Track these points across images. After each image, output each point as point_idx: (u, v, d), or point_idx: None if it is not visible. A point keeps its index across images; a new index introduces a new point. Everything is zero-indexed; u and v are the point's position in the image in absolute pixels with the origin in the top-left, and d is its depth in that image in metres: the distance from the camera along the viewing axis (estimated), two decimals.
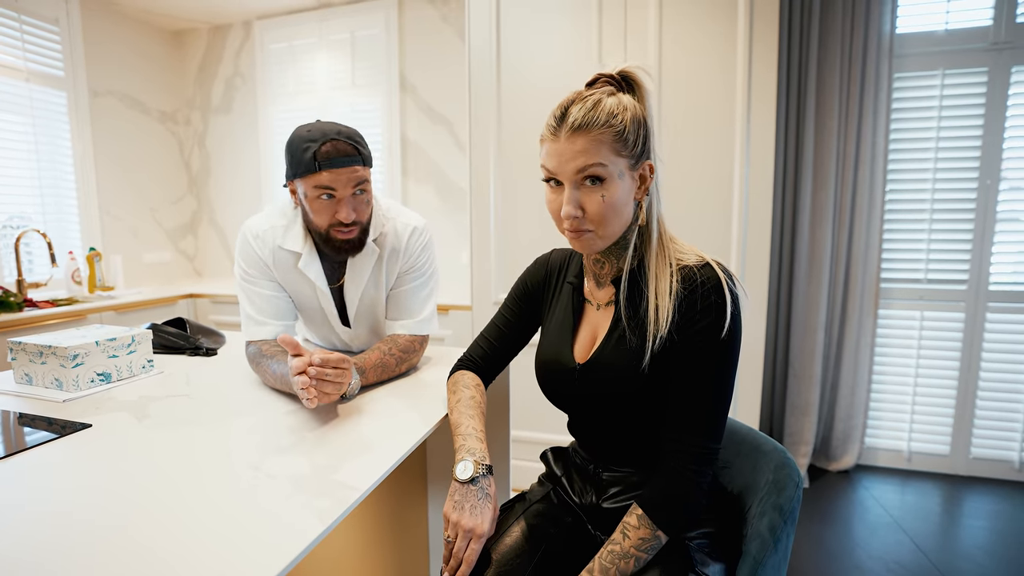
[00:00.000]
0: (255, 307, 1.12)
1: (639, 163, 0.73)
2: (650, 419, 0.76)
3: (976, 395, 2.23)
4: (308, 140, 0.98)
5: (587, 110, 0.69)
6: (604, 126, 0.69)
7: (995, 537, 1.85)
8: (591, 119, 0.69)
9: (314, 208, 1.02)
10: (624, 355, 0.74)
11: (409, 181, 2.89)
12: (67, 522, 0.58)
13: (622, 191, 0.71)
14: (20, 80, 2.46)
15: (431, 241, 1.21)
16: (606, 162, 0.69)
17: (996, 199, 2.13)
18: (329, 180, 0.98)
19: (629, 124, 0.70)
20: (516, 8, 1.94)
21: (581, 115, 0.69)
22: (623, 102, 0.71)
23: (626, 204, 0.73)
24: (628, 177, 0.72)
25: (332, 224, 1.03)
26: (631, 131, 0.70)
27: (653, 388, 0.73)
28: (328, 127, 1.00)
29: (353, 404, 0.96)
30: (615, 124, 0.69)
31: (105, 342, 1.05)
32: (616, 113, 0.69)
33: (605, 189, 0.70)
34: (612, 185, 0.70)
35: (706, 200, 1.86)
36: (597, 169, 0.69)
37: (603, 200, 0.70)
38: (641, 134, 0.72)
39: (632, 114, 0.71)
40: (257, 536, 0.55)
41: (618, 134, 0.69)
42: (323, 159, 0.97)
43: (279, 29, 3.01)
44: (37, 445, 0.77)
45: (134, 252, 3.02)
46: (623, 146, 0.70)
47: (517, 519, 0.84)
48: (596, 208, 0.71)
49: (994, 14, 2.07)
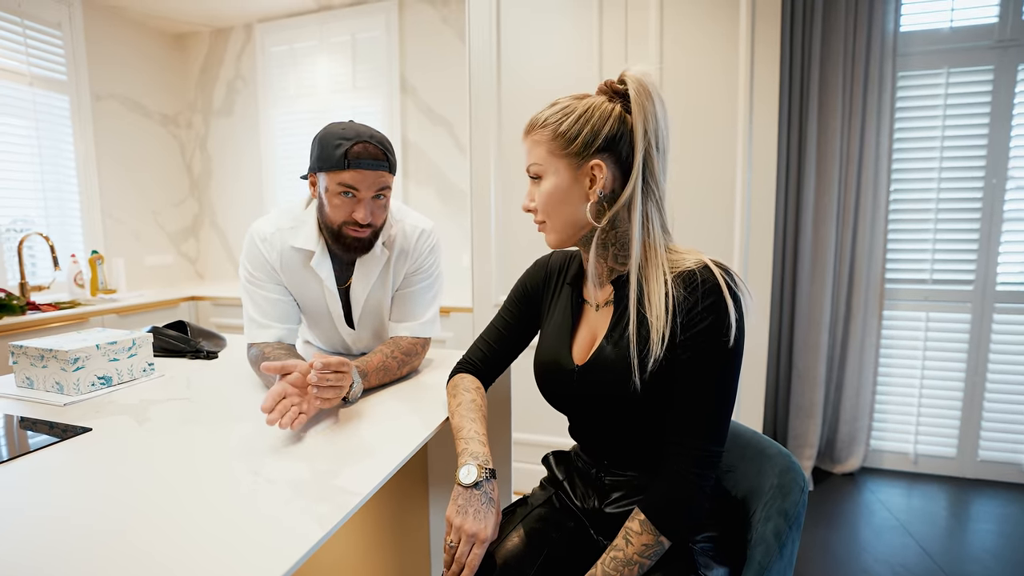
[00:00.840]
0: (259, 310, 1.12)
1: (585, 159, 0.74)
2: (651, 422, 0.75)
3: (983, 397, 2.20)
4: (341, 137, 0.99)
5: (538, 113, 0.78)
6: (541, 127, 0.76)
7: (1003, 541, 1.83)
8: (535, 120, 0.77)
9: (332, 203, 1.03)
10: (623, 356, 0.74)
11: (410, 183, 2.89)
12: (67, 526, 0.57)
13: (558, 188, 0.76)
14: (24, 84, 2.47)
15: (438, 244, 1.22)
16: (540, 161, 0.77)
17: (1003, 198, 2.11)
18: (353, 179, 0.99)
19: (571, 121, 0.73)
20: (516, 9, 1.94)
21: (532, 119, 0.78)
22: (582, 104, 0.74)
23: (566, 199, 0.76)
24: (567, 176, 0.76)
25: (346, 221, 1.04)
26: (573, 127, 0.73)
27: (653, 390, 0.72)
28: (362, 129, 1.02)
29: (354, 408, 0.95)
30: (549, 125, 0.75)
31: (106, 346, 1.05)
32: (557, 114, 0.75)
33: (543, 184, 0.78)
34: (547, 181, 0.77)
35: (709, 201, 1.85)
36: (535, 168, 0.78)
37: (542, 193, 0.78)
38: (586, 134, 0.73)
39: (581, 113, 0.73)
40: (257, 541, 0.55)
41: (552, 134, 0.75)
42: (352, 158, 0.98)
43: (280, 32, 3.01)
44: (38, 449, 0.77)
45: (136, 255, 3.03)
46: (557, 146, 0.75)
47: (519, 524, 0.83)
48: (540, 200, 0.78)
49: (999, 11, 2.05)
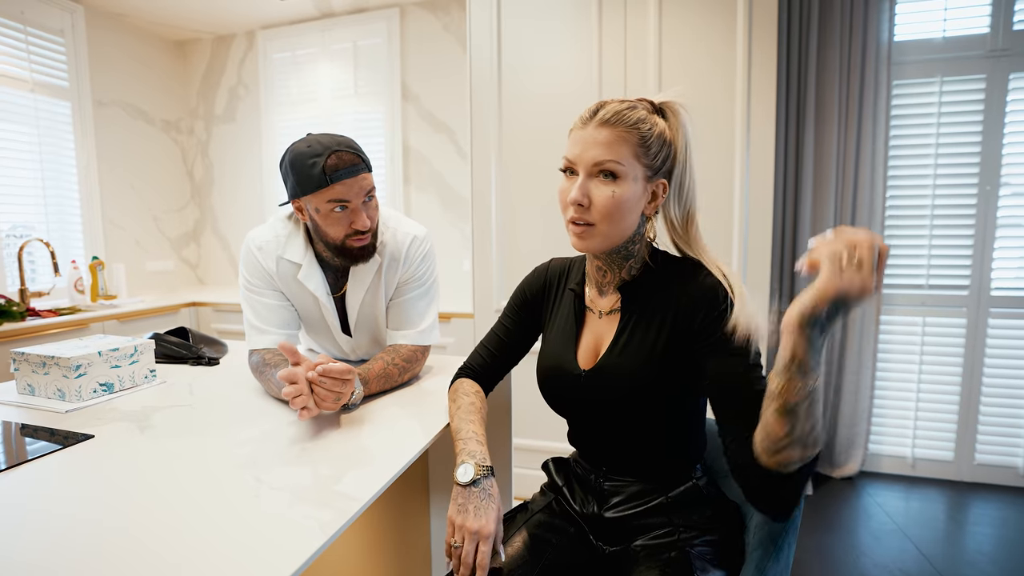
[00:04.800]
0: (258, 316, 1.12)
1: (655, 177, 0.74)
2: (650, 428, 0.76)
3: (980, 401, 2.22)
4: (312, 156, 0.97)
5: (622, 109, 0.72)
6: (631, 126, 0.71)
7: (1000, 544, 1.83)
8: (622, 117, 0.71)
9: (328, 222, 1.02)
10: (630, 362, 0.75)
11: (411, 189, 2.90)
12: (68, 534, 0.58)
13: (632, 194, 0.72)
14: (26, 91, 2.48)
15: (431, 251, 1.21)
16: (623, 161, 0.71)
17: (996, 204, 2.13)
18: (342, 192, 0.99)
19: (655, 136, 0.72)
20: (517, 16, 1.96)
21: (614, 111, 0.72)
22: (656, 119, 0.73)
23: (633, 209, 0.73)
24: (641, 185, 0.73)
25: (348, 234, 1.04)
26: (655, 142, 0.72)
27: (656, 398, 0.73)
28: (326, 139, 1.00)
29: (356, 414, 0.96)
30: (642, 129, 0.71)
31: (108, 352, 1.06)
32: (646, 121, 0.72)
33: (617, 186, 0.71)
34: (624, 184, 0.71)
35: (707, 206, 1.86)
36: (613, 165, 0.71)
37: (612, 196, 0.71)
38: (664, 152, 0.73)
39: (660, 131, 0.73)
40: (258, 547, 0.55)
41: (642, 138, 0.71)
42: (332, 172, 0.97)
43: (282, 39, 3.03)
44: (39, 456, 0.77)
45: (137, 261, 3.03)
46: (644, 152, 0.72)
47: (519, 529, 0.84)
48: (604, 202, 0.71)
49: (991, 21, 2.08)
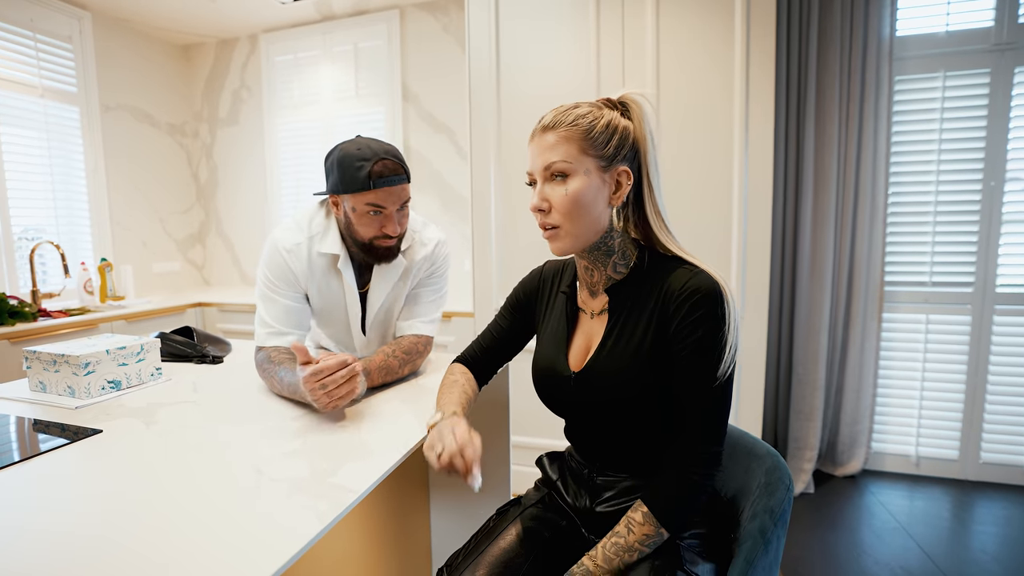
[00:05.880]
0: (273, 317, 1.14)
1: (611, 166, 0.75)
2: (643, 425, 0.77)
3: (985, 399, 2.20)
4: (360, 159, 1.03)
5: (562, 111, 0.75)
6: (572, 124, 0.73)
7: (1005, 543, 1.82)
8: (560, 119, 0.74)
9: (362, 222, 1.08)
10: (617, 363, 0.76)
11: (412, 189, 2.91)
12: (78, 523, 0.60)
13: (588, 187, 0.74)
14: (35, 96, 2.53)
15: (451, 253, 1.31)
16: (570, 158, 0.73)
17: (1001, 200, 2.11)
18: (380, 198, 1.05)
19: (601, 127, 0.73)
20: (515, 17, 1.97)
21: (553, 115, 0.75)
22: (603, 112, 0.75)
23: (593, 202, 0.74)
24: (597, 177, 0.74)
25: (377, 236, 1.10)
26: (601, 132, 0.73)
27: (646, 395, 0.74)
28: (375, 145, 1.06)
29: (355, 408, 0.98)
30: (583, 124, 0.73)
31: (115, 351, 1.08)
32: (587, 115, 0.74)
33: (569, 183, 0.74)
34: (576, 180, 0.74)
35: (706, 205, 1.87)
36: (561, 164, 0.74)
37: (566, 193, 0.74)
38: (617, 140, 0.74)
39: (607, 120, 0.74)
40: (258, 536, 0.57)
41: (586, 132, 0.73)
42: (377, 178, 1.03)
43: (284, 42, 3.07)
44: (51, 450, 0.80)
45: (144, 262, 3.08)
46: (590, 145, 0.73)
47: (512, 522, 0.86)
48: (560, 200, 0.74)
49: (995, 15, 2.07)
